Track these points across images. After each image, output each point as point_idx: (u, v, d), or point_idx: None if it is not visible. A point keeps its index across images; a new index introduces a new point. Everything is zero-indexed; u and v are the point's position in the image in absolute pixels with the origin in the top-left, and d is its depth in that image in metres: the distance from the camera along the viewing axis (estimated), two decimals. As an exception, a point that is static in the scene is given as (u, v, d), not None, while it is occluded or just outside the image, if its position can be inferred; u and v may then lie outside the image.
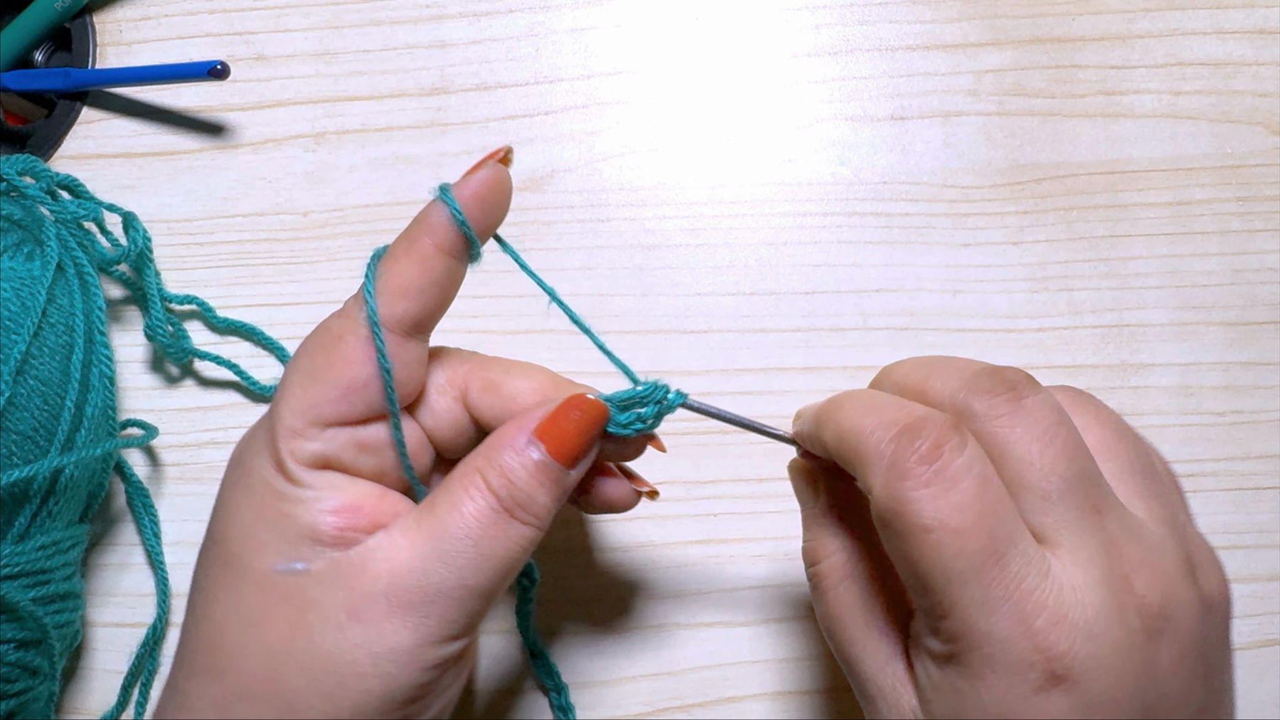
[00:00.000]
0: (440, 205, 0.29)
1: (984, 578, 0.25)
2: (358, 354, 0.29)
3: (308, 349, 0.30)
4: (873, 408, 0.28)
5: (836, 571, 0.30)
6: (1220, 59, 0.44)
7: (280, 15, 0.46)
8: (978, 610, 0.25)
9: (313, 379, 0.29)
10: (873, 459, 0.26)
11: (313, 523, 0.28)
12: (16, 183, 0.40)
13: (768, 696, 0.40)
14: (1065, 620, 0.25)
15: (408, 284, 0.29)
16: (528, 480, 0.29)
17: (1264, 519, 0.41)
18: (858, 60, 0.45)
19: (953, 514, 0.25)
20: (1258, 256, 0.43)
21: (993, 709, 0.25)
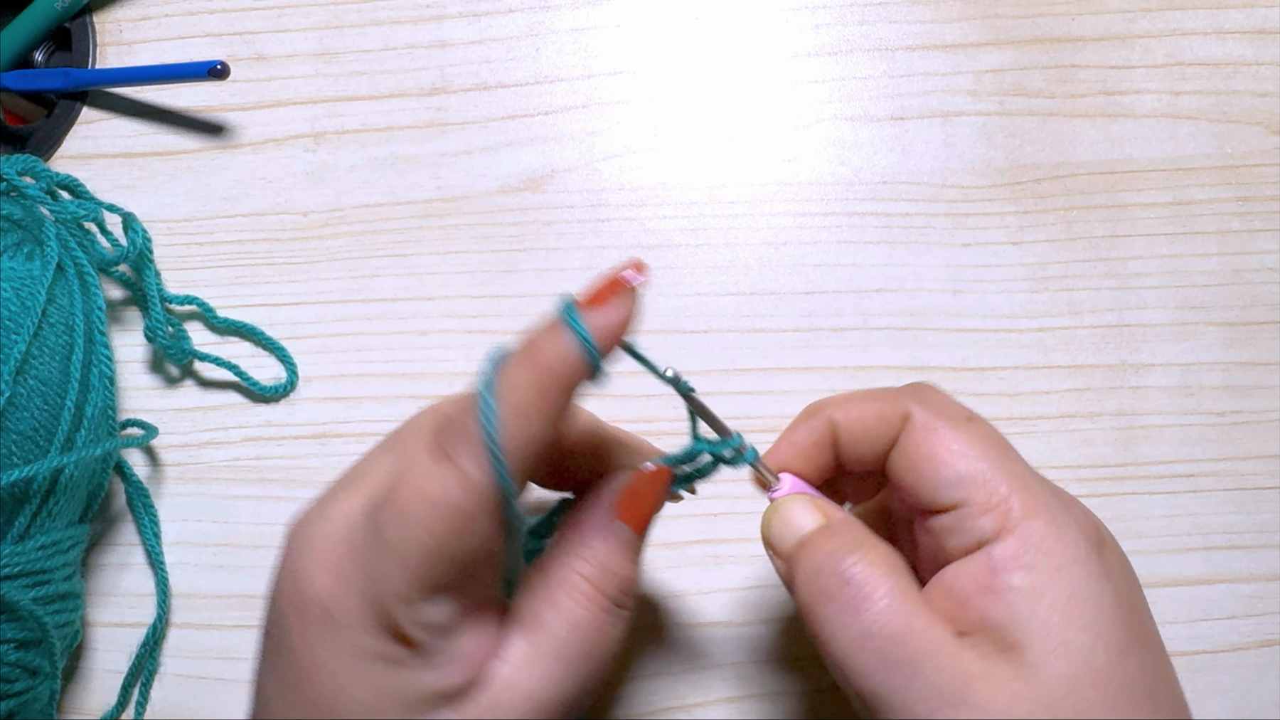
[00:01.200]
0: (572, 348, 0.25)
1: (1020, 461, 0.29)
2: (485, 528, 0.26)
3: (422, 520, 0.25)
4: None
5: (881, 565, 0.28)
6: (1220, 59, 0.44)
7: (280, 15, 0.46)
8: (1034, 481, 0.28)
9: (438, 559, 0.25)
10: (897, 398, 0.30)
11: (437, 680, 0.26)
12: (16, 183, 0.40)
13: (767, 696, 0.40)
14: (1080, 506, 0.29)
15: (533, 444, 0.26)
16: (623, 564, 0.29)
17: (1264, 519, 0.41)
18: (858, 60, 0.45)
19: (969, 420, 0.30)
20: (1258, 256, 0.43)
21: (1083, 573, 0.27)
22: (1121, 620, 0.26)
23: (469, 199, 0.44)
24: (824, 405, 0.31)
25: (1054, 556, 0.26)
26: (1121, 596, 0.27)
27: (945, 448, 0.28)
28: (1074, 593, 0.26)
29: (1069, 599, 0.26)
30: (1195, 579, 0.41)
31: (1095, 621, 0.26)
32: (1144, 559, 0.41)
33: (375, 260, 0.44)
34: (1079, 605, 0.26)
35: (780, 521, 0.30)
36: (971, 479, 0.28)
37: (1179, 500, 0.41)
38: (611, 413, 0.34)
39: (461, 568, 0.26)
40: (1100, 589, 0.26)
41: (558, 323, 0.26)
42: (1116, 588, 0.27)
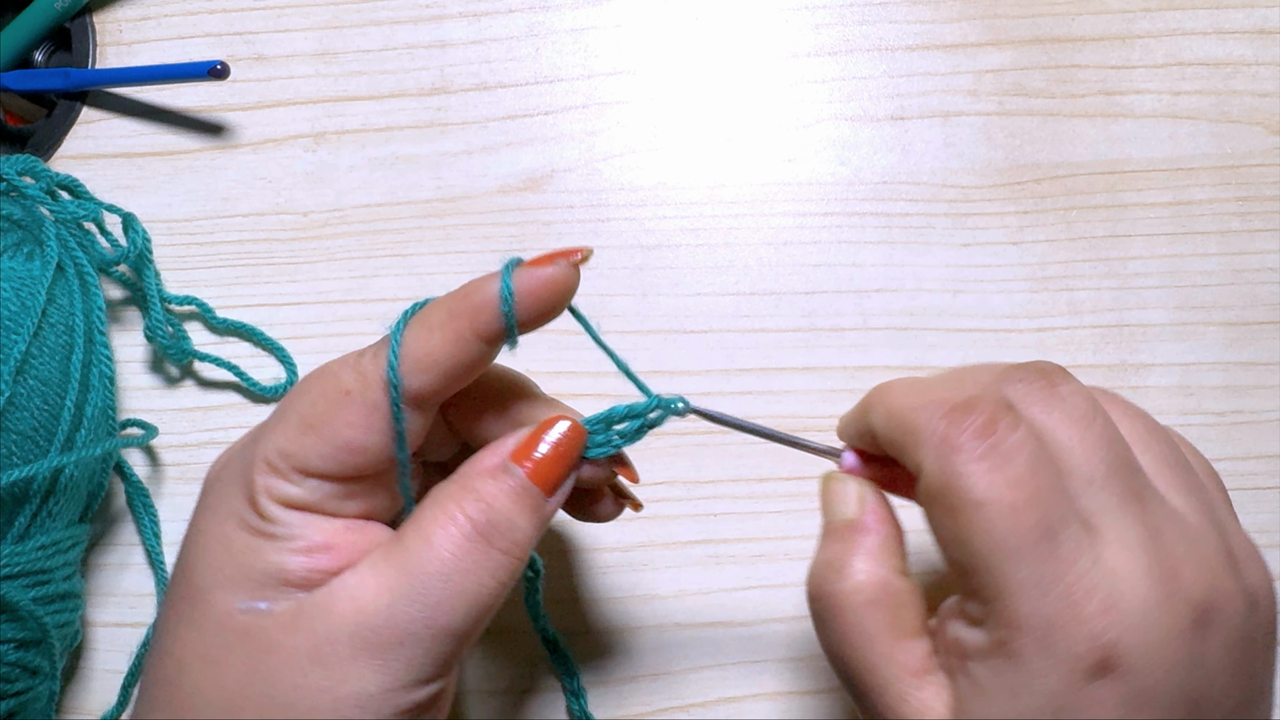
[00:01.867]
0: (491, 286, 0.27)
1: (1037, 557, 0.24)
2: (361, 418, 0.27)
3: (310, 393, 0.28)
4: (923, 388, 0.27)
5: (874, 583, 0.27)
6: (1220, 59, 0.44)
7: (280, 15, 0.46)
8: (1030, 591, 0.24)
9: (308, 428, 0.27)
10: (924, 434, 0.25)
11: (280, 563, 0.27)
12: (16, 183, 0.40)
13: (767, 696, 0.40)
14: (1116, 607, 0.24)
15: (433, 361, 0.27)
16: (507, 505, 0.27)
17: (1264, 519, 0.41)
18: (858, 60, 0.45)
19: (1007, 489, 0.24)
20: (1258, 256, 0.43)
21: (1040, 699, 0.24)
22: None
23: (469, 199, 0.44)
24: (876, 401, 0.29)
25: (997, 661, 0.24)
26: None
27: (940, 529, 0.26)
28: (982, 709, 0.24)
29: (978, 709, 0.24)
30: (1195, 579, 0.41)
31: None
32: (1144, 559, 0.41)
33: (375, 260, 0.44)
34: None
35: (826, 496, 0.30)
36: (959, 569, 0.25)
37: (1179, 500, 0.41)
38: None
39: (335, 455, 0.27)
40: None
41: (493, 273, 0.28)
42: None
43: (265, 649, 0.26)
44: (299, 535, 0.27)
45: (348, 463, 0.27)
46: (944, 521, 0.25)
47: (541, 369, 0.43)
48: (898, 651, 0.26)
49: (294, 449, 0.27)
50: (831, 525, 0.29)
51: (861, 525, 0.28)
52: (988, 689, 0.25)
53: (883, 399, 0.28)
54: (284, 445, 0.27)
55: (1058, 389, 0.27)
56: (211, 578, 0.27)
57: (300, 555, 0.27)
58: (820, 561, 0.29)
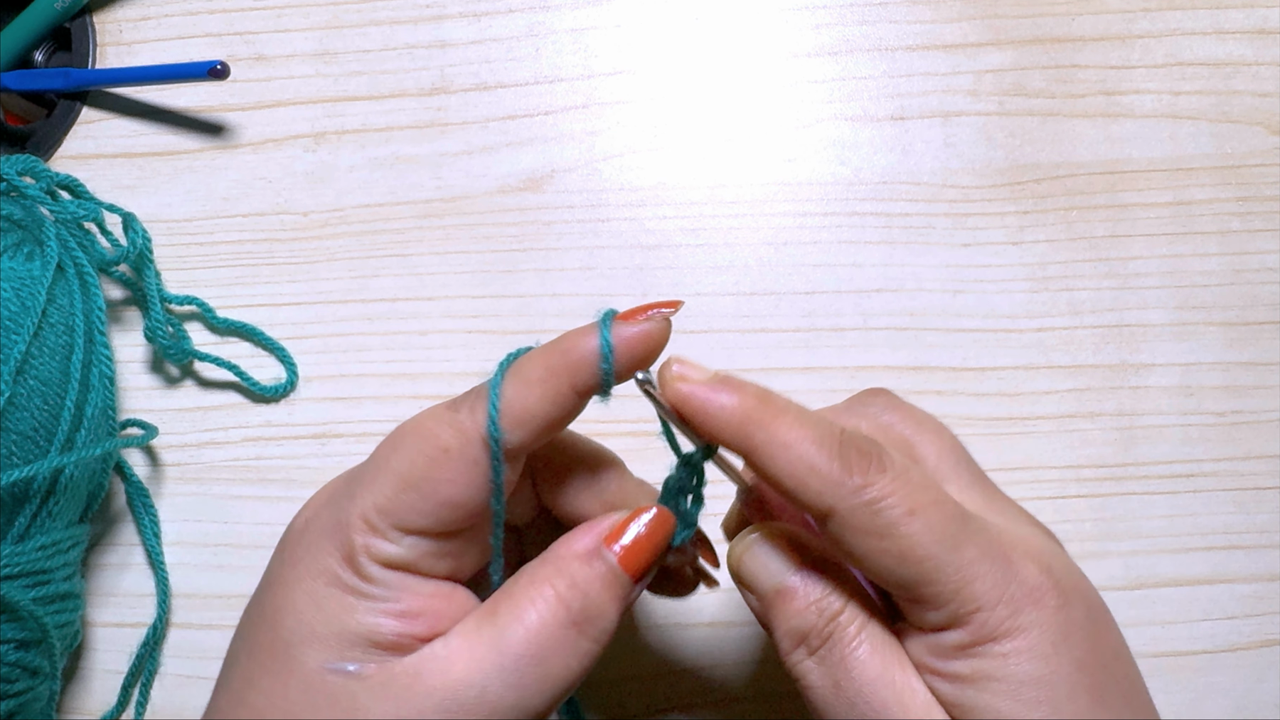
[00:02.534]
0: (591, 342, 0.27)
1: (966, 538, 0.26)
2: (462, 475, 0.27)
3: (407, 450, 0.27)
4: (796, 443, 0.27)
5: (860, 615, 0.28)
6: (1220, 59, 0.44)
7: (280, 15, 0.46)
8: (980, 567, 0.26)
9: (407, 486, 0.27)
10: (827, 486, 0.26)
11: (374, 624, 0.26)
12: (16, 183, 0.40)
13: (767, 696, 0.40)
14: (1031, 550, 0.27)
15: (530, 416, 0.27)
16: (599, 593, 0.27)
17: (1264, 519, 0.41)
18: (858, 60, 0.45)
19: (920, 495, 0.26)
20: (1258, 256, 0.43)
21: (1038, 657, 0.25)
22: (1080, 689, 0.26)
23: (469, 199, 0.44)
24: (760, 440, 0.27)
25: (1004, 643, 0.26)
26: (1080, 664, 0.26)
27: (875, 556, 0.26)
28: (1024, 679, 0.25)
29: (1018, 685, 0.25)
30: (1195, 579, 0.41)
31: (1048, 701, 0.25)
32: (1144, 559, 0.41)
33: (375, 260, 0.44)
34: (1029, 690, 0.25)
35: (755, 562, 0.29)
36: (908, 584, 0.26)
37: (1179, 500, 0.41)
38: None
39: (435, 512, 0.27)
40: (1053, 667, 0.25)
41: (590, 326, 0.28)
42: (1073, 658, 0.26)
43: (350, 711, 0.26)
44: (394, 597, 0.27)
45: (448, 519, 0.27)
46: (880, 545, 0.26)
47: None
48: (909, 674, 0.27)
49: (394, 507, 0.27)
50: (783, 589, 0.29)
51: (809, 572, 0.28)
52: (978, 679, 0.26)
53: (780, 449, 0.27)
54: (383, 503, 0.27)
55: (899, 400, 0.30)
56: (300, 633, 0.27)
57: (394, 619, 0.27)
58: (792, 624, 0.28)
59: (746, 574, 0.29)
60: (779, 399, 0.27)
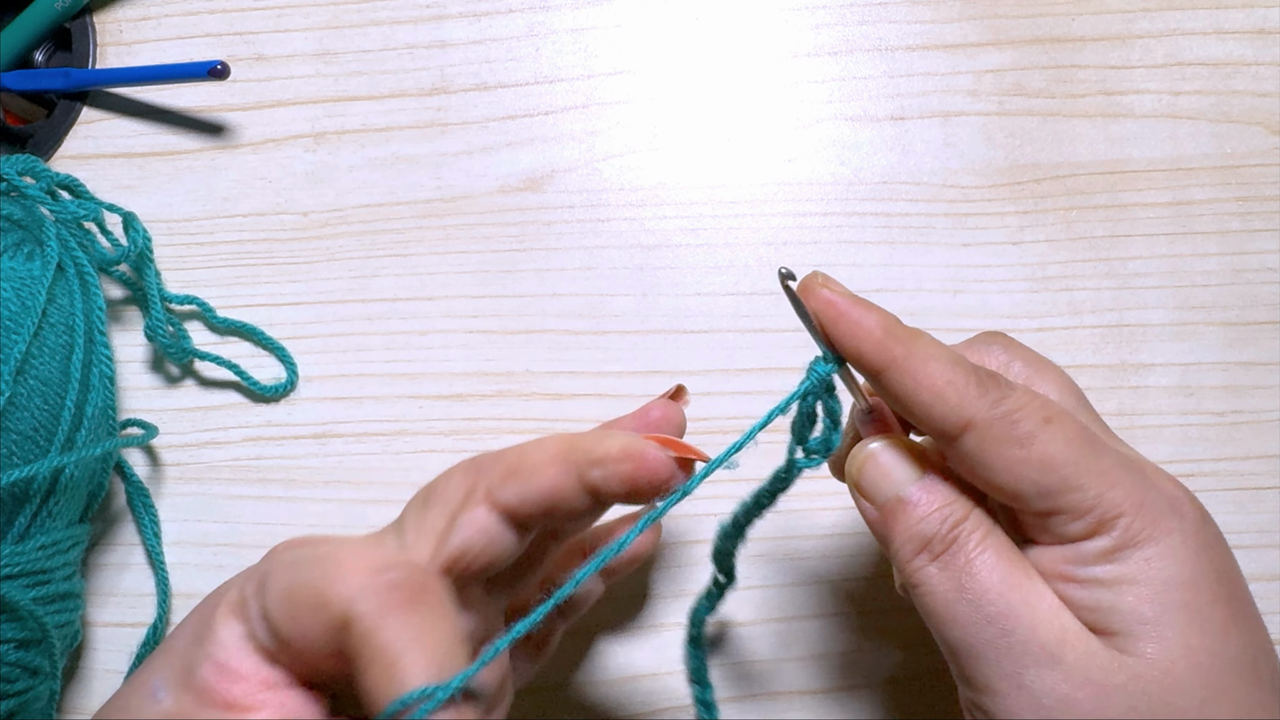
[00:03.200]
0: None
1: (1099, 450, 0.27)
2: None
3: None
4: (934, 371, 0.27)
5: (980, 527, 0.28)
6: (1220, 59, 0.44)
7: (280, 15, 0.46)
8: (1117, 475, 0.26)
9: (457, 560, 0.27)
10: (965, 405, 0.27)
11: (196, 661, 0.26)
12: (16, 183, 0.40)
13: (767, 696, 0.40)
14: (1158, 470, 0.28)
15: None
16: None
17: (1264, 519, 0.41)
18: (858, 60, 0.45)
19: (1052, 409, 0.27)
20: (1258, 256, 0.43)
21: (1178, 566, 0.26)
22: (1219, 599, 0.26)
23: (469, 199, 0.44)
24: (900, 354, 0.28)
25: (1146, 548, 0.26)
26: (1220, 574, 0.27)
27: (1016, 467, 0.26)
28: (1167, 580, 0.26)
29: (1162, 587, 0.26)
30: (1195, 579, 0.41)
31: (1190, 604, 0.26)
32: (1144, 559, 0.41)
33: (375, 260, 0.44)
34: (1173, 592, 0.26)
35: (877, 470, 0.29)
36: (1051, 492, 0.26)
37: (1179, 500, 0.41)
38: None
39: None
40: (1195, 571, 0.26)
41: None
42: (1214, 567, 0.27)
43: None
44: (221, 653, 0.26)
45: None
46: (1021, 454, 0.26)
47: (541, 369, 0.43)
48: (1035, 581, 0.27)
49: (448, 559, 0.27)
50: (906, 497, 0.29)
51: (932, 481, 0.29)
52: (1134, 578, 0.26)
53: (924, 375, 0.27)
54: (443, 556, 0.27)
55: (1018, 342, 0.31)
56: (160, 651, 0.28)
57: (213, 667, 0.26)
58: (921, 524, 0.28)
59: (867, 483, 0.29)
60: (910, 329, 0.29)
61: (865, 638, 0.40)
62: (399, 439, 0.42)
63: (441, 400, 0.43)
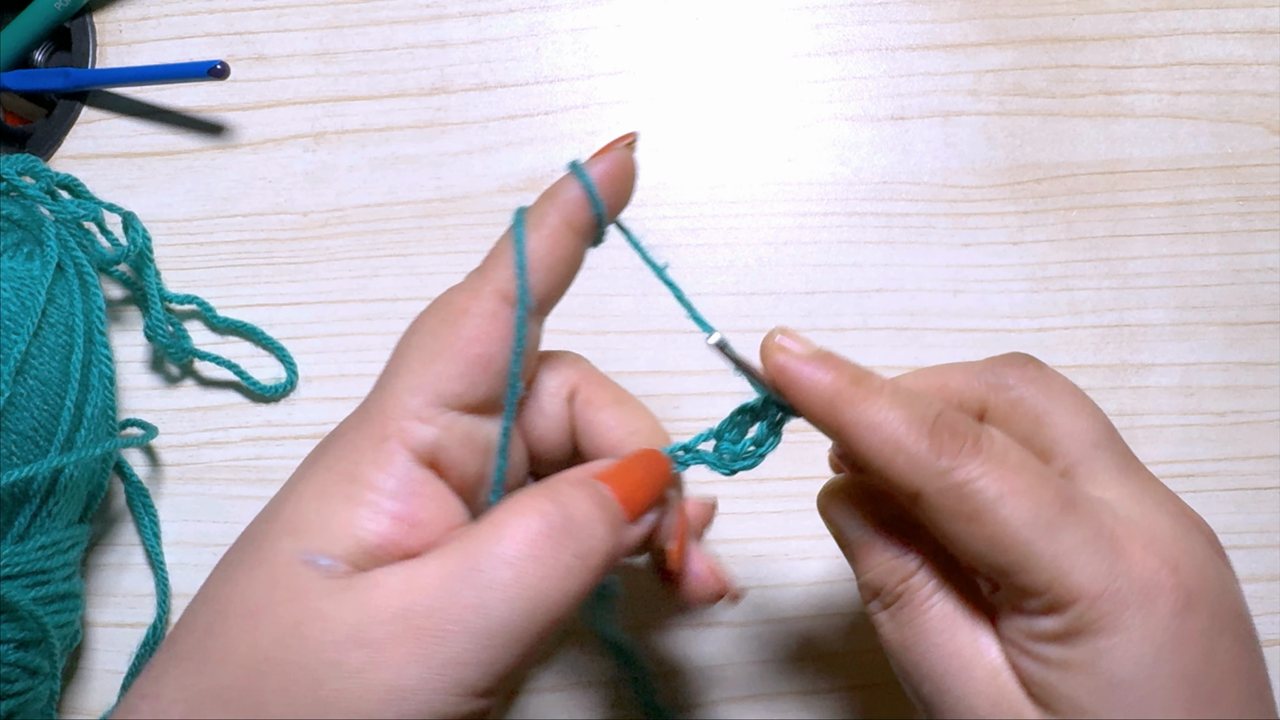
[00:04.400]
0: (573, 181, 0.28)
1: (1070, 522, 0.25)
2: (485, 329, 0.27)
3: (428, 325, 0.27)
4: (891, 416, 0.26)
5: (932, 580, 0.27)
6: (1220, 59, 0.44)
7: (280, 15, 0.46)
8: (1081, 554, 0.24)
9: (435, 355, 0.26)
10: (915, 467, 0.26)
11: (365, 523, 0.25)
12: (16, 183, 0.40)
13: (767, 696, 0.40)
14: (1157, 539, 0.25)
15: (536, 259, 0.27)
16: (588, 510, 0.26)
17: (1264, 519, 0.41)
18: (858, 60, 0.45)
19: (1015, 478, 0.25)
20: (1258, 256, 0.43)
21: (1135, 661, 0.24)
22: (1179, 703, 0.24)
23: (469, 199, 0.44)
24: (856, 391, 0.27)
25: (1099, 639, 0.24)
26: (1195, 678, 0.24)
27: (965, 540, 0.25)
28: (1114, 678, 0.24)
29: (1107, 684, 0.24)
30: (1195, 579, 0.41)
31: (1138, 707, 0.24)
32: (1144, 559, 0.41)
33: (375, 260, 0.44)
34: (1118, 691, 0.24)
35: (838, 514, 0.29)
36: (1001, 570, 0.25)
37: (1179, 500, 0.41)
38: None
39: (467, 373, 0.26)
40: (1153, 672, 0.24)
41: (568, 174, 0.28)
42: (1187, 670, 0.24)
43: (310, 613, 0.23)
44: (401, 500, 0.25)
45: (481, 380, 0.27)
46: (969, 529, 0.25)
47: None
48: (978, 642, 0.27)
49: (427, 380, 0.26)
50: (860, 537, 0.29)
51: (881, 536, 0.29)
52: (1074, 669, 0.25)
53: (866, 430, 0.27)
54: (414, 382, 0.26)
55: (1046, 369, 0.29)
56: (292, 523, 0.25)
57: (391, 521, 0.25)
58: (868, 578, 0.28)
59: (830, 523, 0.30)
60: (876, 379, 0.27)
61: (864, 638, 0.40)
62: (399, 439, 0.42)
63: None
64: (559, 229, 0.28)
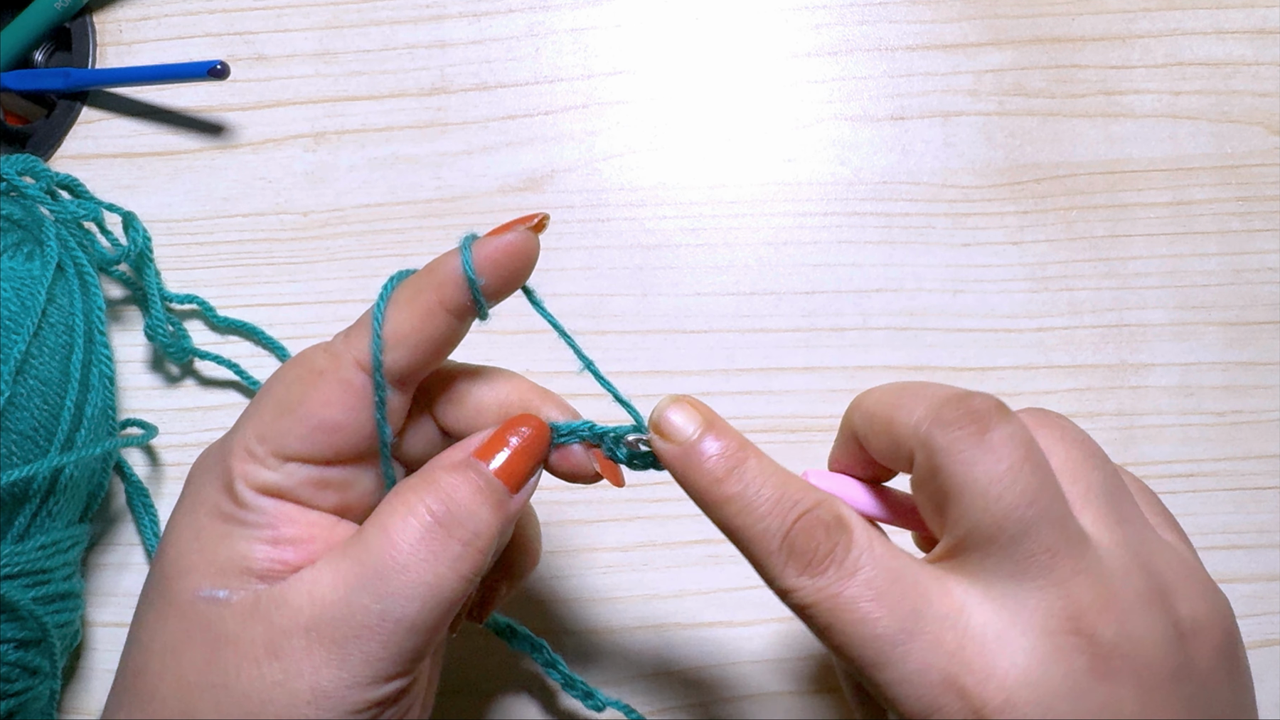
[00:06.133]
0: (454, 260, 0.28)
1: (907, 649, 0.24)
2: (336, 396, 0.27)
3: (285, 377, 0.28)
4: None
5: None
6: (1220, 59, 0.44)
7: (280, 15, 0.46)
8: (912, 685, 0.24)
9: (284, 410, 0.27)
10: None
11: (246, 551, 0.26)
12: (16, 183, 0.40)
13: (768, 696, 0.40)
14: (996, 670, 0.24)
15: (402, 336, 0.27)
16: (468, 497, 0.27)
17: (1264, 519, 0.41)
18: (858, 60, 0.45)
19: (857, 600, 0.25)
20: (1258, 256, 0.43)
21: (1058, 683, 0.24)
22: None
23: (469, 199, 0.44)
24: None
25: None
26: None
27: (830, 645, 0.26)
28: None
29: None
30: (1195, 579, 0.41)
31: None
32: (1144, 559, 0.41)
33: (375, 260, 0.44)
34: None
35: None
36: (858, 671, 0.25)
37: (1179, 500, 0.41)
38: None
39: (310, 435, 0.27)
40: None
41: (453, 250, 0.28)
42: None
43: (223, 640, 0.26)
44: (269, 525, 0.27)
45: (324, 443, 0.27)
46: (824, 638, 0.26)
47: (541, 369, 0.43)
48: None
49: (270, 432, 0.27)
50: None
51: None
52: None
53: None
54: (261, 430, 0.27)
55: (987, 435, 0.25)
56: (179, 565, 0.27)
57: (267, 545, 0.27)
58: None
59: None
60: (747, 470, 0.27)
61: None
62: (399, 439, 0.42)
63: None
64: (431, 306, 0.28)
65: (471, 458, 0.28)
